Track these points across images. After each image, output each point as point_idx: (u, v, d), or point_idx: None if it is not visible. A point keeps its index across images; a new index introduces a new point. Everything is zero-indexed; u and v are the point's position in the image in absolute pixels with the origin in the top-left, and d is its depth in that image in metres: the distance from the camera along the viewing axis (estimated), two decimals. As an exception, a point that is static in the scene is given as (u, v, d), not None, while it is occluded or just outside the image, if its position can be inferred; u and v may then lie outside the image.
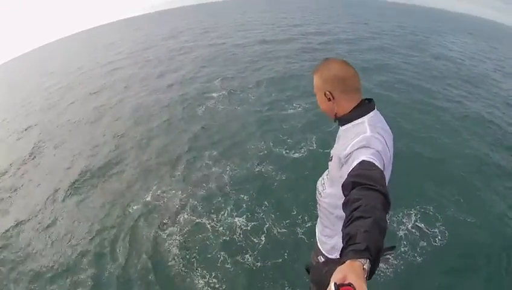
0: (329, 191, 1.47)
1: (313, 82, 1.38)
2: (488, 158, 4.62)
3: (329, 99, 1.34)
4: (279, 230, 3.42)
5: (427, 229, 3.39)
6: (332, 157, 1.39)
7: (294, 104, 6.23)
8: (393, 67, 9.01)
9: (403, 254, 3.13)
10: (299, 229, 3.39)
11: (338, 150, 1.31)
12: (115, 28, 39.53)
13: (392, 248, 0.92)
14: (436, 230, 3.37)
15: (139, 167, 4.92)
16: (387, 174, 1.23)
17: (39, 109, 9.45)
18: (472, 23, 31.35)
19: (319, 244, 1.68)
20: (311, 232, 3.19)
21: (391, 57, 10.44)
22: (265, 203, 3.78)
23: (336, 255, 1.60)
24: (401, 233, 3.35)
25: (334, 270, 1.47)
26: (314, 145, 4.75)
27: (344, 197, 1.01)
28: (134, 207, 4.06)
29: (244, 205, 3.81)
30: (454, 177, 4.16)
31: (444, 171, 4.26)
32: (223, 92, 7.43)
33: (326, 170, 1.51)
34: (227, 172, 4.42)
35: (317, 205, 1.63)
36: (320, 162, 4.17)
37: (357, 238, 0.80)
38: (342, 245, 1.31)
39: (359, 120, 1.30)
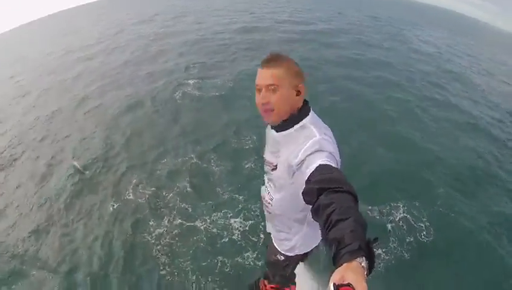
0: (279, 197, 1.45)
1: (272, 75, 1.22)
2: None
3: (298, 94, 1.26)
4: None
5: (415, 222, 3.48)
6: (276, 165, 1.36)
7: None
8: (367, 61, 9.06)
9: (393, 248, 3.19)
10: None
11: (285, 157, 1.28)
12: (83, 12, 37.18)
13: (376, 239, 0.84)
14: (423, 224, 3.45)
15: (121, 163, 4.63)
16: (338, 164, 1.22)
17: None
18: (453, 19, 32.59)
19: (276, 245, 1.72)
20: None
21: (367, 50, 10.53)
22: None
23: (295, 252, 1.66)
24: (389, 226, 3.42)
25: (295, 263, 1.75)
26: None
27: (305, 202, 1.04)
28: (115, 206, 3.82)
29: (239, 205, 3.65)
30: (438, 173, 4.27)
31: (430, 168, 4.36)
32: (200, 81, 7.16)
33: (267, 179, 1.51)
34: (214, 167, 4.25)
35: (267, 213, 1.64)
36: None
37: (346, 240, 0.80)
38: (301, 243, 1.58)
39: (302, 123, 1.27)
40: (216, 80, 7.26)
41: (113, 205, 3.82)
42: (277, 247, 1.72)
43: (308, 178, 1.08)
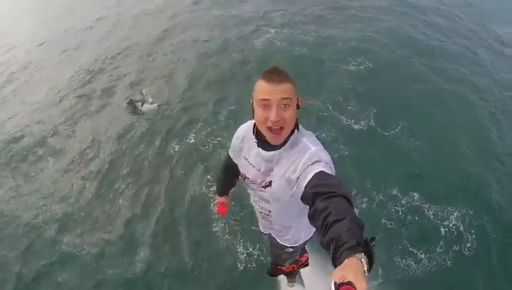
0: (278, 208, 1.47)
1: (284, 90, 1.16)
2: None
3: (298, 107, 1.24)
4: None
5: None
6: (270, 182, 1.35)
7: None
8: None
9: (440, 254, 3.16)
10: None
11: (281, 174, 1.29)
12: None
13: (373, 239, 0.87)
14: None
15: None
16: (334, 172, 1.24)
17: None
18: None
19: (281, 242, 1.75)
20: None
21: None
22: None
23: (302, 241, 1.73)
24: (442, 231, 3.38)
25: (302, 249, 1.93)
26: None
27: (303, 205, 1.12)
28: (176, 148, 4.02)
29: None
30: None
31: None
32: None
33: (257, 197, 1.50)
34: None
35: (265, 221, 1.66)
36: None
37: (344, 238, 0.82)
38: (305, 233, 1.65)
39: (292, 139, 1.27)
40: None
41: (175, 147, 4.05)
42: (283, 244, 1.75)
43: (305, 185, 1.12)
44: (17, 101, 5.88)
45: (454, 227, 3.40)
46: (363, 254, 0.78)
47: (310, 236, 1.72)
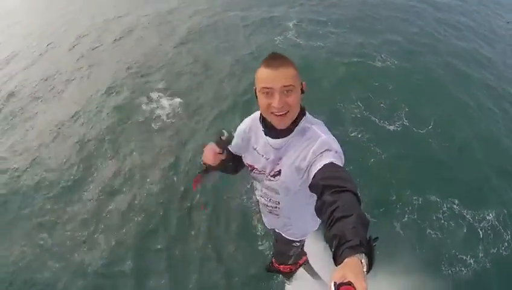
0: (288, 199, 1.44)
1: (288, 74, 1.16)
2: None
3: (302, 92, 1.23)
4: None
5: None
6: (280, 171, 1.33)
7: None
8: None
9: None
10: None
11: (290, 162, 1.27)
12: None
13: (376, 238, 0.87)
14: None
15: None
16: (343, 161, 1.23)
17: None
18: None
19: (288, 237, 1.72)
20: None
21: None
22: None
23: (309, 232, 1.71)
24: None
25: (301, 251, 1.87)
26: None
27: (310, 191, 1.13)
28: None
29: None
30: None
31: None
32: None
33: (263, 187, 1.47)
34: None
35: (271, 216, 1.62)
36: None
37: (347, 236, 0.82)
38: (313, 223, 1.61)
39: (300, 126, 1.26)
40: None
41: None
42: (290, 238, 1.73)
43: (314, 174, 1.12)
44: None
45: (490, 228, 3.39)
46: (363, 254, 0.78)
47: (316, 229, 1.70)
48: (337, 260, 0.80)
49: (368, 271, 0.77)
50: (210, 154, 1.42)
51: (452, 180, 3.60)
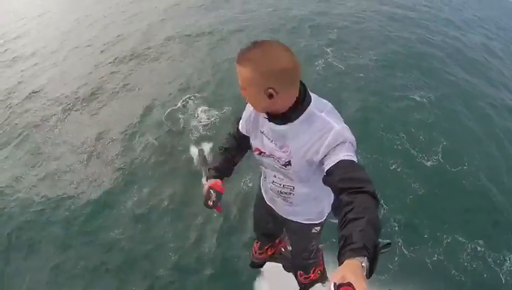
0: (303, 187, 1.41)
1: (239, 74, 1.09)
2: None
3: (270, 97, 1.08)
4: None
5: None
6: (290, 161, 1.27)
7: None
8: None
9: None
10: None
11: (301, 153, 1.20)
12: None
13: (388, 244, 0.92)
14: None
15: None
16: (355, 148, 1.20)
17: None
18: None
19: (306, 222, 1.64)
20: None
21: None
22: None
23: (327, 212, 1.62)
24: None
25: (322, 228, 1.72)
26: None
27: (326, 181, 1.11)
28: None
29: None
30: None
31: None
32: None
33: (274, 172, 1.41)
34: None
35: (284, 204, 1.56)
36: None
37: (353, 238, 0.83)
38: (328, 203, 1.54)
39: (306, 113, 1.16)
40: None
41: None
42: (308, 222, 1.64)
43: (329, 169, 1.09)
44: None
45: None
46: (366, 258, 0.79)
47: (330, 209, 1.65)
48: (340, 259, 0.82)
49: (368, 275, 0.78)
50: (209, 198, 1.47)
51: (478, 221, 3.72)
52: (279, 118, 1.18)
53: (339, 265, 0.79)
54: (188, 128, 4.64)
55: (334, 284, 0.72)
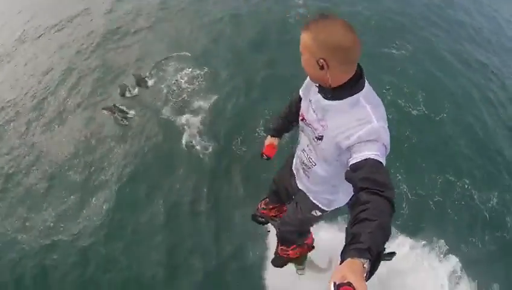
0: (322, 168, 1.44)
1: (301, 39, 1.15)
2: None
3: (321, 68, 1.13)
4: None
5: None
6: (322, 137, 1.31)
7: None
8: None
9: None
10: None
11: (334, 134, 1.23)
12: None
13: (391, 254, 0.94)
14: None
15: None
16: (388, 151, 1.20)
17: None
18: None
19: (316, 202, 1.68)
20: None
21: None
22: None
23: (334, 206, 1.68)
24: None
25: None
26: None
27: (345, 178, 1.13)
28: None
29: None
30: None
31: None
32: None
33: (307, 141, 1.45)
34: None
35: (302, 173, 1.62)
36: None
37: (360, 238, 0.84)
38: (342, 198, 1.61)
39: (354, 98, 1.17)
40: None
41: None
42: (316, 203, 1.68)
43: (355, 164, 1.09)
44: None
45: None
46: (368, 260, 0.79)
47: (340, 206, 1.69)
48: (343, 256, 0.82)
49: (367, 277, 0.78)
50: (271, 151, 1.89)
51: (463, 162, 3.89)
52: (328, 92, 1.20)
53: (340, 263, 0.80)
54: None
55: (334, 283, 0.72)
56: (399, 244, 3.07)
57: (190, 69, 4.74)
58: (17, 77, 5.50)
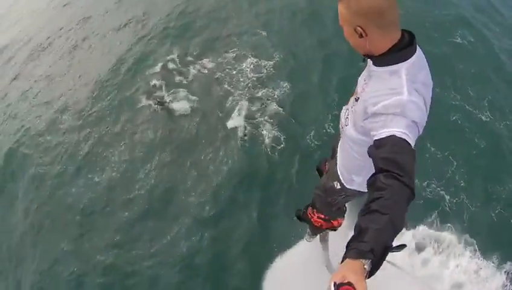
0: (350, 132, 1.42)
1: (338, 12, 1.16)
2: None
3: (360, 36, 1.13)
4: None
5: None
6: (358, 98, 1.30)
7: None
8: None
9: None
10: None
11: (367, 97, 1.20)
12: None
13: (401, 246, 0.95)
14: None
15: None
16: (421, 131, 1.15)
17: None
18: None
19: (338, 172, 1.69)
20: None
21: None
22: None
23: (353, 187, 1.65)
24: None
25: (351, 197, 1.80)
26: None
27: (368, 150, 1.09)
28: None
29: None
30: None
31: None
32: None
33: (352, 102, 1.42)
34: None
35: (340, 131, 1.60)
36: None
37: (365, 236, 0.82)
38: (361, 181, 1.55)
39: (395, 67, 1.12)
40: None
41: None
42: (339, 175, 1.68)
43: (377, 140, 1.05)
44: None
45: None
46: (370, 261, 0.79)
47: (359, 190, 1.65)
48: (344, 254, 0.83)
49: (368, 277, 0.79)
50: None
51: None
52: (374, 59, 1.19)
53: (341, 262, 0.81)
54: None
55: (335, 283, 0.73)
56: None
57: (256, 59, 4.60)
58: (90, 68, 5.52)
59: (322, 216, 2.04)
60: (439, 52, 4.55)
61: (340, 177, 1.67)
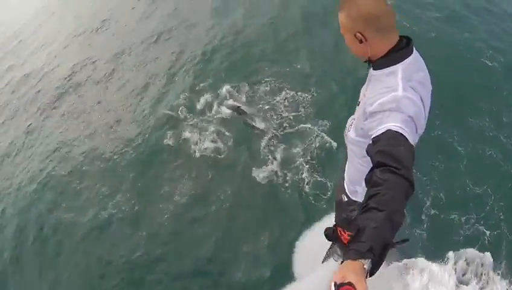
0: (352, 136, 1.44)
1: (339, 21, 1.22)
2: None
3: (360, 41, 1.19)
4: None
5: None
6: (359, 102, 1.35)
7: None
8: None
9: None
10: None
11: (365, 100, 1.25)
12: None
13: (404, 241, 0.96)
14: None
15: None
16: (421, 131, 1.19)
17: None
18: None
19: (344, 185, 1.70)
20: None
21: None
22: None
23: (358, 198, 1.64)
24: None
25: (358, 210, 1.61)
26: None
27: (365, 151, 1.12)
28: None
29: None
30: None
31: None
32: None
33: (356, 110, 1.45)
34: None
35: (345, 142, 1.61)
36: None
37: (363, 236, 0.83)
38: (362, 193, 1.51)
39: (392, 68, 1.18)
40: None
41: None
42: (345, 186, 1.70)
43: (375, 137, 1.06)
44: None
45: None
46: (369, 260, 0.80)
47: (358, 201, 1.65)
48: (344, 256, 0.85)
49: (368, 275, 0.80)
50: None
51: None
52: (373, 63, 1.24)
53: (341, 263, 0.82)
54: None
55: (335, 283, 0.74)
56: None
57: (292, 92, 4.33)
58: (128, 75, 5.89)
59: (350, 233, 2.06)
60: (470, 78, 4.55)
61: (346, 189, 1.68)
